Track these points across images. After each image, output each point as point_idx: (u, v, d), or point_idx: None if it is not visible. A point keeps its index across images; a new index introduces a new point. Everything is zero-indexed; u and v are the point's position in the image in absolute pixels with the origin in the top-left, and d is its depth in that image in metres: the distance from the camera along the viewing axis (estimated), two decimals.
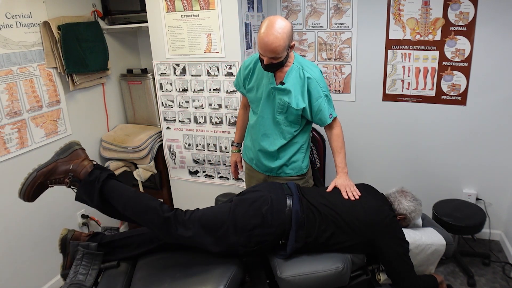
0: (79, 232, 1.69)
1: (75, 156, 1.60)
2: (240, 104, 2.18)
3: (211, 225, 1.56)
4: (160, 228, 1.56)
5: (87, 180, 1.55)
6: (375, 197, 1.73)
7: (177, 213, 1.58)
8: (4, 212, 2.13)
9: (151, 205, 1.57)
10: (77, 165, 1.57)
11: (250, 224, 1.56)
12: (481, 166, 2.63)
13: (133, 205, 1.58)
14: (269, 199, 1.61)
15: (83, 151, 1.64)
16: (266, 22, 1.63)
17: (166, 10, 2.42)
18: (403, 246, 1.59)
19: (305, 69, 1.80)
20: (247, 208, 1.60)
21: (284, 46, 1.63)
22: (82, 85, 2.57)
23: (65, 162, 1.57)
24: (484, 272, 2.43)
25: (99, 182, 1.55)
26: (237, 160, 2.22)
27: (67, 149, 1.60)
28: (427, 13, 2.46)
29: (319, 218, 1.60)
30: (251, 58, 1.95)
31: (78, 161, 1.59)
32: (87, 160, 1.61)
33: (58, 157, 1.58)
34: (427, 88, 2.61)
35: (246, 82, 1.96)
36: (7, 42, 2.10)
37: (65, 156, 1.59)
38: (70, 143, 1.63)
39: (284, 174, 1.97)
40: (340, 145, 1.88)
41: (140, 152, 2.69)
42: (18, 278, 2.21)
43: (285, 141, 1.89)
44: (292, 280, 1.55)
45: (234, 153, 2.22)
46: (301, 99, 1.81)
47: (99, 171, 1.58)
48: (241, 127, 2.18)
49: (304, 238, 1.58)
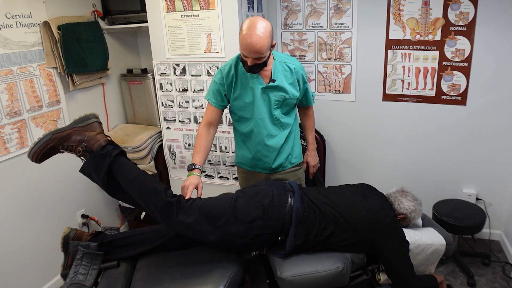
0: (81, 231, 1.69)
1: (91, 127, 1.64)
2: (203, 121, 1.93)
3: (212, 214, 1.57)
4: (161, 211, 1.56)
5: (99, 153, 1.57)
6: (375, 196, 1.73)
7: (180, 199, 1.60)
8: (4, 212, 2.13)
9: (156, 188, 1.59)
10: (92, 137, 1.60)
11: (251, 215, 1.57)
12: (481, 166, 2.63)
13: (139, 184, 1.59)
14: (271, 193, 1.64)
15: (99, 125, 1.68)
16: (247, 24, 1.65)
17: (166, 10, 2.42)
18: (404, 246, 1.59)
19: (287, 62, 1.89)
20: (249, 199, 1.62)
21: (267, 45, 1.67)
22: (82, 85, 2.57)
23: (81, 131, 1.61)
24: (484, 272, 2.43)
25: (111, 157, 1.57)
26: (199, 186, 1.75)
27: (85, 120, 1.64)
28: (427, 13, 2.46)
29: (320, 216, 1.60)
30: (228, 64, 1.88)
31: (94, 133, 1.62)
32: (102, 134, 1.64)
33: (75, 125, 1.62)
34: (427, 88, 2.61)
35: (230, 91, 1.89)
36: (7, 42, 2.10)
37: (83, 126, 1.62)
38: (90, 114, 1.67)
39: (290, 165, 2.03)
40: (313, 124, 2.17)
41: (140, 152, 2.70)
42: (18, 278, 2.21)
43: (287, 133, 1.96)
44: (292, 280, 1.55)
45: (195, 176, 1.76)
46: (294, 89, 1.91)
47: (112, 147, 1.61)
48: (203, 148, 1.87)
49: (304, 236, 1.59)
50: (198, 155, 1.85)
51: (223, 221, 1.56)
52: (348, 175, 2.99)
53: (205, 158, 1.88)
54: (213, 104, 1.94)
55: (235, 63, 1.87)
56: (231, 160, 2.61)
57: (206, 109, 1.97)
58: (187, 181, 1.72)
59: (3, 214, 2.13)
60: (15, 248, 2.20)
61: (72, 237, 1.64)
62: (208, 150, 1.91)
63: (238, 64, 1.85)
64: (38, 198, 2.28)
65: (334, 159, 3.00)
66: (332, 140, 2.95)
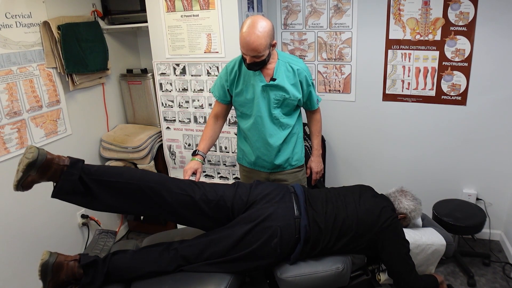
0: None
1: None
2: (211, 113, 2.06)
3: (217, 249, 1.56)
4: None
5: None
6: (376, 198, 1.73)
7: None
8: (4, 212, 2.13)
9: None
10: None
11: (257, 255, 1.54)
12: (481, 166, 2.63)
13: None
14: (278, 231, 1.54)
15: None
16: (247, 22, 1.67)
17: (166, 10, 2.42)
18: (405, 245, 1.59)
19: (291, 62, 1.89)
20: (254, 237, 1.54)
21: (265, 44, 1.68)
22: (82, 85, 2.57)
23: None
24: (484, 272, 2.43)
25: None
26: (198, 170, 1.89)
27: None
28: (427, 13, 2.46)
29: (325, 231, 1.59)
30: (234, 61, 1.95)
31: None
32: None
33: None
34: (427, 88, 2.61)
35: (233, 86, 1.95)
36: (7, 42, 2.09)
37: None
38: (46, 268, 1.45)
39: (290, 166, 2.02)
40: (319, 129, 2.11)
41: (140, 152, 2.69)
42: (18, 278, 2.20)
43: (286, 133, 1.95)
44: (292, 281, 1.55)
45: (196, 161, 1.91)
46: (296, 90, 1.90)
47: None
48: (209, 137, 2.00)
49: (308, 251, 1.60)
50: (203, 143, 1.99)
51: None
52: (348, 175, 2.99)
53: (209, 146, 2.01)
54: (216, 97, 2.03)
55: (240, 60, 1.91)
56: (231, 160, 2.61)
57: (214, 103, 2.09)
58: (187, 165, 1.88)
59: (3, 214, 2.12)
60: (15, 248, 2.20)
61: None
62: (213, 139, 2.03)
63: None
64: (38, 198, 2.28)
65: (334, 159, 3.00)
66: (332, 140, 2.95)
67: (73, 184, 1.45)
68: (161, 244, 1.61)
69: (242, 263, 1.54)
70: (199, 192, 1.59)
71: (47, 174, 1.43)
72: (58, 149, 2.35)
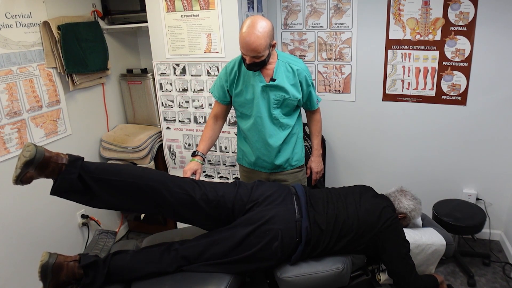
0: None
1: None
2: (210, 114, 2.06)
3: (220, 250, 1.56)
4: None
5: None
6: (376, 198, 1.73)
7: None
8: (4, 212, 2.13)
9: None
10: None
11: (258, 257, 1.54)
12: (481, 166, 2.63)
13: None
14: (279, 234, 1.54)
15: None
16: (247, 22, 1.67)
17: (166, 10, 2.42)
18: (405, 245, 1.59)
19: (291, 62, 1.89)
20: (256, 240, 1.55)
21: (265, 45, 1.68)
22: (82, 85, 2.57)
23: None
24: (484, 272, 2.43)
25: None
26: (198, 171, 1.90)
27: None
28: (427, 13, 2.46)
29: (326, 233, 1.59)
30: (233, 61, 1.94)
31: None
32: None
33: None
34: (427, 88, 2.61)
35: (232, 87, 1.94)
36: (7, 42, 2.09)
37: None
38: (46, 269, 1.45)
39: (290, 167, 2.02)
40: (319, 129, 2.11)
41: (140, 152, 2.69)
42: (18, 278, 2.20)
43: (286, 134, 1.95)
44: (292, 281, 1.55)
45: (196, 162, 1.92)
46: (295, 90, 1.90)
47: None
48: (208, 137, 2.00)
49: (309, 253, 1.60)
50: (202, 143, 1.99)
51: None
52: (348, 175, 2.99)
53: (209, 147, 2.01)
54: (216, 98, 2.02)
55: (239, 60, 1.90)
56: (231, 160, 2.61)
57: (214, 103, 2.08)
58: (187, 166, 1.89)
59: (3, 214, 2.12)
60: (15, 248, 2.20)
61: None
62: (213, 140, 2.04)
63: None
64: (38, 198, 2.28)
65: (334, 159, 3.00)
66: (332, 140, 2.95)
67: (71, 183, 1.45)
68: (162, 245, 1.61)
69: (243, 265, 1.54)
70: (199, 191, 1.59)
71: (45, 172, 1.43)
72: (58, 149, 2.31)
